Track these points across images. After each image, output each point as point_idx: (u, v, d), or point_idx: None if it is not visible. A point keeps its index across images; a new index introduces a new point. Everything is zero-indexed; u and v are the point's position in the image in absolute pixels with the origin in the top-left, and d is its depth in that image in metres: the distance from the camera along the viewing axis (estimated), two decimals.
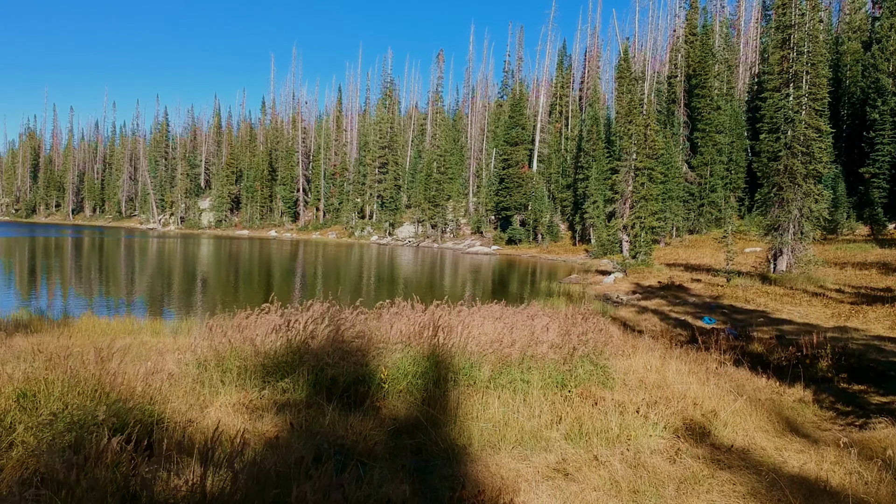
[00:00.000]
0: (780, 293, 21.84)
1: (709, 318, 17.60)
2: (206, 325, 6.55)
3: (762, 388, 7.29)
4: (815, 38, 24.15)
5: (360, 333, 6.48)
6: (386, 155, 77.64)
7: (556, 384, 6.12)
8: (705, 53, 55.73)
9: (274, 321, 6.64)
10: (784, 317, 18.51)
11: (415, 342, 6.11)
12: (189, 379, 6.04)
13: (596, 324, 7.45)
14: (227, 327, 6.39)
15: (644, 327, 16.29)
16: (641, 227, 31.23)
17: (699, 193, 53.12)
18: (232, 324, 6.46)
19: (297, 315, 7.50)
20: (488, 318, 7.65)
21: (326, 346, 6.20)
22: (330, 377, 5.88)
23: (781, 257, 24.71)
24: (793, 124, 23.96)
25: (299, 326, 6.15)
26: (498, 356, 6.09)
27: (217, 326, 6.36)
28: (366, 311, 8.61)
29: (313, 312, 7.46)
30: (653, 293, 24.05)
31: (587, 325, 7.15)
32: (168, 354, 8.60)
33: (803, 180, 23.75)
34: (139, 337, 12.11)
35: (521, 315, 7.99)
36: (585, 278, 32.61)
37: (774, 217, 24.41)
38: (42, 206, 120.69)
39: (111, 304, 21.22)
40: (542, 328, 6.56)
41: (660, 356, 8.10)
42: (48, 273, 31.18)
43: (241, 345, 6.07)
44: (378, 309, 8.41)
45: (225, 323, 6.57)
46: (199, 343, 6.43)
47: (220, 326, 6.39)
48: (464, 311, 9.20)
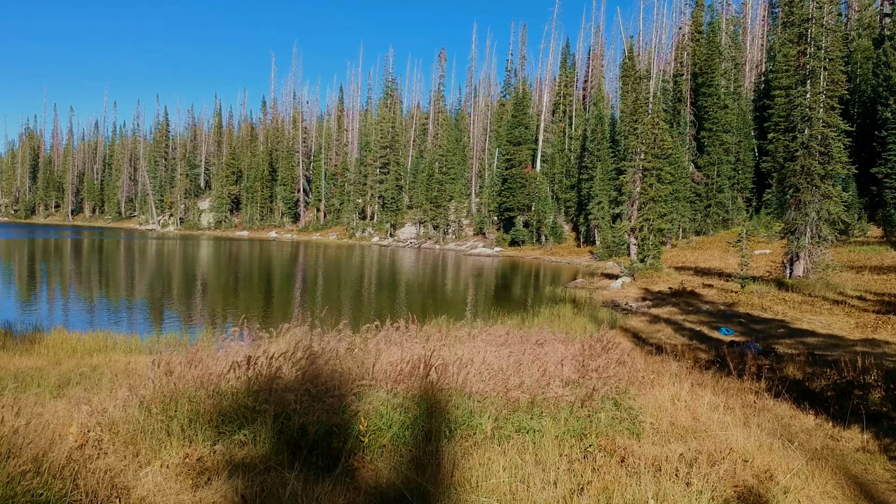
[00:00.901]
0: (799, 300, 20.74)
1: (726, 329, 16.52)
2: (152, 361, 5.49)
3: (812, 429, 6.23)
4: (833, 32, 23.03)
5: (338, 370, 5.44)
6: (387, 155, 76.60)
7: (574, 433, 5.07)
8: (712, 51, 54.60)
9: (234, 355, 5.59)
10: (805, 327, 17.42)
11: (403, 383, 5.06)
12: (130, 426, 5.00)
13: (616, 353, 6.39)
14: (178, 363, 5.34)
15: (659, 339, 15.22)
16: (650, 229, 30.14)
17: (706, 194, 51.95)
18: (184, 358, 5.42)
19: (266, 344, 6.44)
20: (491, 344, 6.61)
21: (296, 386, 5.15)
22: (298, 426, 4.83)
23: (798, 262, 23.59)
24: (810, 123, 22.85)
25: (262, 363, 5.10)
26: (503, 400, 5.04)
27: (164, 362, 5.31)
28: (351, 334, 7.56)
29: (285, 343, 6.42)
30: (664, 300, 22.96)
31: (608, 358, 6.10)
32: (133, 379, 7.57)
33: (821, 181, 22.64)
34: (109, 355, 11.09)
35: (529, 343, 6.94)
36: (591, 282, 31.53)
37: (791, 220, 23.29)
38: (41, 207, 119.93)
39: (96, 313, 20.21)
40: (556, 364, 5.51)
41: (688, 387, 7.04)
42: (38, 279, 30.20)
43: (193, 386, 5.02)
44: (365, 332, 7.35)
45: (174, 358, 5.53)
46: (144, 382, 5.38)
47: (168, 362, 5.34)
48: (463, 333, 8.15)
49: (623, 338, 15.45)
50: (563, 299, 25.18)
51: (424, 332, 7.85)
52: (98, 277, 31.11)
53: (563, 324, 17.70)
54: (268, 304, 23.42)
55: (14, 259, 39.82)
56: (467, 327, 8.73)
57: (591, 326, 17.12)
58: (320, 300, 25.15)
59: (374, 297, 27.00)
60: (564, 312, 20.13)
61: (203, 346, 6.01)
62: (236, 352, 5.95)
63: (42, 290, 25.65)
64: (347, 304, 24.15)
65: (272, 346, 6.92)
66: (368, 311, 22.50)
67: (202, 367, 5.08)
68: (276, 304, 23.83)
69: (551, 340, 7.08)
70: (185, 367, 5.19)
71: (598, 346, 6.52)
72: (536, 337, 7.25)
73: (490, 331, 7.59)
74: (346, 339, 7.28)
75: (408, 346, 6.13)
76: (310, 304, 23.99)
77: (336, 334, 6.66)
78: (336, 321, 19.21)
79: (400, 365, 5.05)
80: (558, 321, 18.11)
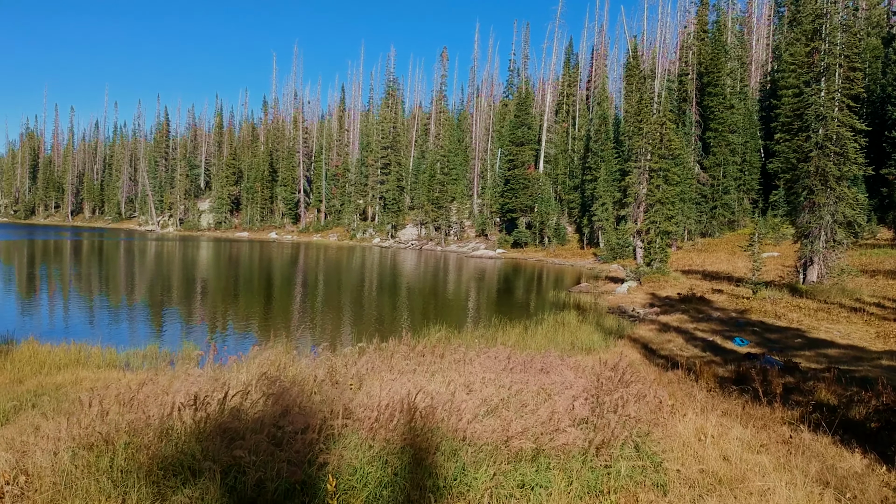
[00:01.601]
0: (814, 308, 19.84)
1: (740, 339, 15.64)
2: (78, 400, 4.65)
3: (862, 473, 5.37)
4: (848, 28, 22.12)
5: (309, 407, 4.60)
6: (388, 155, 75.77)
7: (588, 489, 4.23)
8: (718, 50, 53.69)
9: (189, 387, 4.75)
10: (822, 336, 16.54)
11: (383, 429, 4.21)
12: (56, 479, 4.17)
13: (636, 387, 5.53)
14: (116, 399, 4.50)
15: (670, 351, 14.34)
16: (656, 232, 29.20)
17: (712, 195, 51.00)
18: (121, 396, 4.57)
19: (232, 372, 5.60)
20: (490, 370, 5.76)
21: (256, 428, 4.31)
22: (254, 482, 3.99)
23: (812, 267, 22.68)
24: (824, 122, 21.93)
25: (215, 402, 4.26)
26: (504, 450, 4.20)
27: (98, 400, 4.46)
28: (332, 356, 6.72)
29: (256, 368, 5.58)
30: (672, 306, 22.07)
31: (627, 393, 5.24)
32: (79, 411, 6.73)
33: (836, 183, 21.73)
34: (78, 371, 10.25)
35: (533, 369, 6.09)
36: (596, 286, 30.64)
37: (804, 223, 22.37)
38: (41, 208, 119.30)
39: (79, 321, 19.39)
40: (566, 402, 4.65)
41: (714, 418, 6.18)
42: (27, 283, 29.42)
43: (129, 431, 4.18)
44: (350, 355, 6.51)
45: (113, 391, 4.68)
46: (79, 419, 4.54)
47: (103, 399, 4.50)
48: (461, 354, 7.30)
49: (632, 349, 14.58)
50: (568, 305, 24.31)
51: (418, 352, 7.01)
52: (88, 281, 30.32)
53: (569, 333, 16.85)
54: (263, 310, 22.59)
55: (9, 261, 39.07)
56: (465, 346, 7.87)
57: (597, 336, 16.26)
58: (319, 306, 24.33)
59: (373, 302, 26.16)
60: (569, 320, 19.27)
61: (150, 377, 5.17)
62: (193, 382, 5.10)
63: (28, 295, 24.85)
64: (346, 310, 23.31)
65: (239, 374, 6.09)
66: (367, 318, 21.67)
67: (140, 411, 4.23)
68: (273, 310, 23.01)
69: (558, 366, 6.23)
70: (120, 406, 4.35)
71: (615, 378, 5.66)
72: (541, 362, 6.40)
73: (490, 352, 6.73)
74: (325, 363, 6.44)
75: (392, 378, 5.28)
76: (309, 309, 23.17)
77: (313, 360, 5.80)
78: (332, 329, 18.36)
79: (378, 410, 4.20)
80: (563, 330, 17.25)
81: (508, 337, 15.85)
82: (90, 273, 34.17)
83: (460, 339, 15.39)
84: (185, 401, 4.19)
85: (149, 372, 10.63)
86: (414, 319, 20.89)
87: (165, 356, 12.91)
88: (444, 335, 15.99)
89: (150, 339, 15.16)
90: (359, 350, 6.50)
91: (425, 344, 7.76)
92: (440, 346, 7.53)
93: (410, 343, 7.32)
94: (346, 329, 19.35)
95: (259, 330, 18.49)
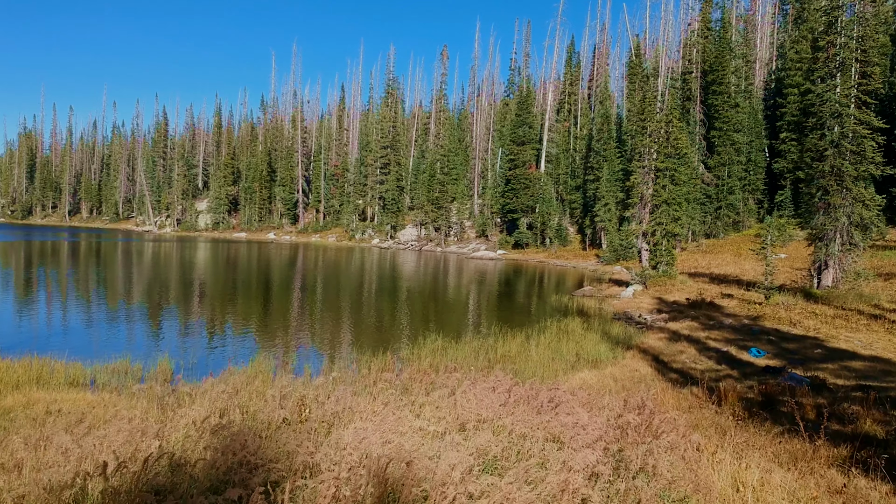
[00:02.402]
0: (831, 314, 18.85)
1: (756, 350, 14.66)
2: None
3: None
4: (865, 20, 21.12)
5: (259, 461, 3.65)
6: (388, 155, 74.80)
7: None
8: (722, 48, 52.73)
9: (117, 437, 3.81)
10: (843, 346, 15.56)
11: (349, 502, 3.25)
12: None
13: (669, 437, 4.55)
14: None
15: (683, 364, 13.36)
16: (663, 233, 28.19)
17: (716, 195, 49.98)
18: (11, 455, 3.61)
19: (172, 419, 4.69)
20: (487, 407, 4.80)
21: (183, 499, 3.36)
22: None
23: (827, 271, 21.68)
24: (840, 119, 20.94)
25: (135, 466, 3.30)
26: None
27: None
28: (302, 387, 5.78)
29: (206, 407, 4.63)
30: (681, 312, 21.08)
31: (657, 445, 4.28)
32: None
33: (853, 183, 20.74)
34: (33, 392, 9.28)
35: (536, 404, 5.13)
36: (600, 289, 29.64)
37: (819, 225, 21.38)
38: (38, 208, 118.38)
39: (53, 330, 18.45)
40: (583, 463, 3.68)
41: (754, 465, 5.22)
42: (13, 288, 28.51)
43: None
44: (319, 387, 5.56)
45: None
46: None
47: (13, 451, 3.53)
48: (454, 380, 6.33)
49: (642, 361, 13.61)
50: (571, 310, 23.33)
51: (404, 381, 6.05)
52: (75, 285, 29.38)
53: (573, 342, 15.88)
54: (254, 318, 21.64)
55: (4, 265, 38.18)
56: (460, 370, 6.91)
57: (604, 347, 15.29)
58: (314, 313, 23.36)
59: (370, 307, 25.21)
60: (573, 327, 18.30)
61: (106, 399, 4.21)
62: (120, 430, 4.15)
63: (7, 302, 23.90)
64: (341, 317, 22.34)
65: (192, 408, 5.12)
66: (363, 325, 20.70)
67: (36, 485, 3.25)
68: (265, 316, 22.05)
69: (568, 401, 5.27)
70: (11, 471, 3.38)
71: (641, 425, 4.69)
72: (548, 394, 5.43)
73: (488, 381, 5.76)
74: (295, 393, 5.48)
75: (370, 418, 4.32)
76: (303, 316, 22.20)
77: (278, 393, 4.85)
78: (323, 339, 17.37)
79: (344, 470, 3.24)
80: (567, 339, 16.29)
81: (509, 348, 14.90)
82: (78, 277, 33.24)
83: (457, 350, 14.44)
84: (89, 470, 3.24)
85: (110, 394, 9.70)
86: (410, 326, 19.93)
87: (137, 372, 11.94)
88: (440, 345, 15.05)
89: (129, 349, 14.19)
90: (332, 381, 5.53)
91: (415, 369, 6.79)
92: (431, 372, 6.56)
93: (396, 368, 6.35)
94: (338, 338, 18.39)
95: (246, 340, 17.53)
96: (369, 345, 16.70)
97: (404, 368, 6.52)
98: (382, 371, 6.55)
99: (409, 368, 6.59)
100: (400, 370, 6.28)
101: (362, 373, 6.92)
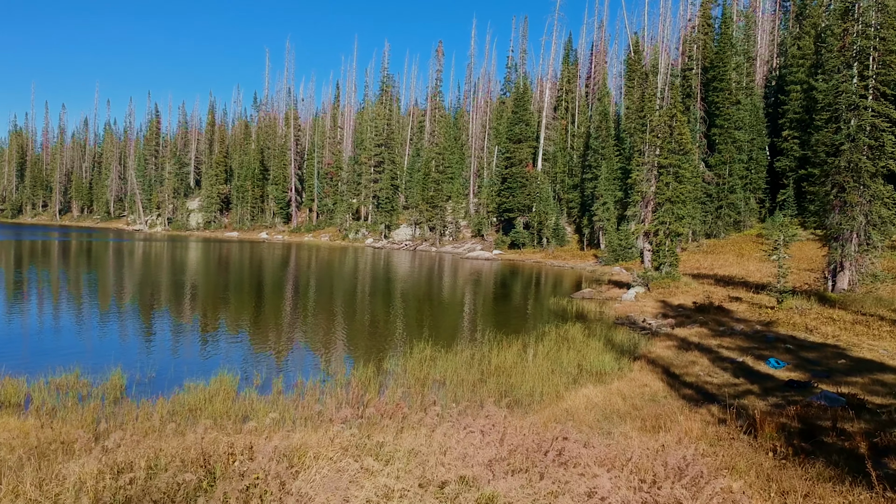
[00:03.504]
0: (850, 320, 17.59)
1: (775, 361, 13.39)
2: None
3: None
4: (884, 6, 19.88)
5: None
6: (382, 153, 73.43)
7: None
8: (724, 44, 51.55)
9: None
10: (867, 356, 14.31)
11: None
12: None
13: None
14: None
15: (696, 377, 12.07)
16: (666, 233, 26.91)
17: (717, 194, 48.74)
18: None
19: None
20: (473, 462, 3.51)
21: None
22: None
23: (842, 273, 20.43)
24: (857, 112, 19.70)
25: None
26: None
27: None
28: (276, 455, 4.49)
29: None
30: (688, 317, 19.79)
31: None
32: None
33: (870, 179, 19.50)
34: None
35: (538, 458, 3.84)
36: (600, 291, 28.34)
37: (835, 225, 20.12)
38: (28, 207, 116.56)
39: (9, 339, 17.11)
40: None
41: None
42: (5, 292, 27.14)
43: None
44: (257, 431, 4.25)
45: None
46: None
47: None
48: (431, 417, 5.02)
49: (652, 375, 12.32)
50: (570, 314, 22.03)
51: (368, 417, 4.76)
52: (49, 289, 27.99)
53: (575, 351, 14.58)
54: (241, 321, 20.29)
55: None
56: (440, 402, 5.62)
57: (608, 357, 13.99)
58: (305, 317, 21.99)
59: (362, 310, 23.89)
60: (574, 334, 17.00)
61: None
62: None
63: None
64: (332, 322, 21.01)
65: (73, 472, 3.79)
66: (353, 330, 19.38)
67: None
68: (252, 320, 20.70)
69: (580, 454, 3.98)
70: None
71: (678, 487, 3.40)
72: (554, 444, 4.14)
73: (476, 423, 4.47)
74: (222, 446, 4.16)
75: (318, 472, 3.02)
76: (293, 320, 20.86)
77: (239, 468, 3.56)
78: (308, 348, 15.99)
79: None
80: (568, 347, 14.98)
81: (504, 357, 13.59)
82: (57, 278, 31.83)
83: (447, 361, 13.11)
84: None
85: (37, 419, 8.36)
86: (401, 332, 18.59)
87: (83, 387, 10.59)
88: (428, 355, 13.73)
89: (86, 359, 12.79)
90: (270, 420, 4.22)
91: (384, 402, 5.48)
92: (403, 405, 5.25)
93: (358, 399, 5.04)
94: (323, 347, 17.05)
95: (218, 348, 16.20)
96: (356, 354, 15.40)
97: (371, 401, 5.25)
98: (340, 407, 5.24)
99: (373, 404, 5.29)
100: (361, 410, 5.00)
101: (317, 411, 5.62)
